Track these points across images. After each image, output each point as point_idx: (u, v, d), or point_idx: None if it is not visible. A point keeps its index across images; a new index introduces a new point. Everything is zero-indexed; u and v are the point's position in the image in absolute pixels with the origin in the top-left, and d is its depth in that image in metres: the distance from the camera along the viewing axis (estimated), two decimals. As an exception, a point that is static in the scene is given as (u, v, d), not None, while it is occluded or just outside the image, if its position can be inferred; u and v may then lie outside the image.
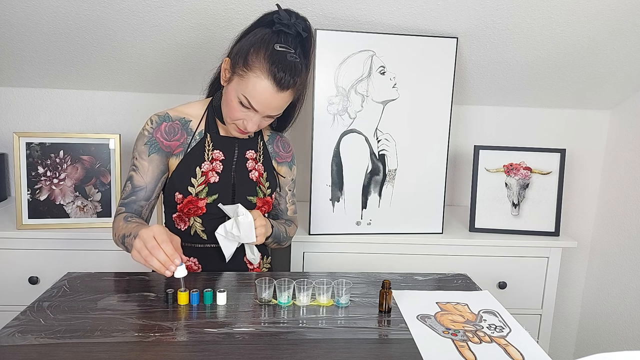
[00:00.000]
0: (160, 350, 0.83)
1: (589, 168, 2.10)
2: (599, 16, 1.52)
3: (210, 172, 1.14)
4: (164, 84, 1.89)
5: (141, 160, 1.13)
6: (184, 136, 1.15)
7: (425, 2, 1.49)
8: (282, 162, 1.29)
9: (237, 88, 1.05)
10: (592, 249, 2.12)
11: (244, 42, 1.07)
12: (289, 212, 1.34)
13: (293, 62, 1.03)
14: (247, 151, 1.21)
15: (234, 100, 1.06)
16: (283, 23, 1.05)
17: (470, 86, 1.88)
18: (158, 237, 0.92)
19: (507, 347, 0.88)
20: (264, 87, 1.02)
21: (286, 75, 1.02)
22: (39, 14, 1.50)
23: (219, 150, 1.17)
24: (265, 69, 1.01)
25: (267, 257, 1.32)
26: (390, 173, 1.67)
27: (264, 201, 1.21)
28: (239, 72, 1.04)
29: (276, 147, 1.28)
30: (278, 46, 1.03)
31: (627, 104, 1.97)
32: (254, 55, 1.03)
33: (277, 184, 1.28)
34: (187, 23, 1.55)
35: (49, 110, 1.94)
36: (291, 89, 1.05)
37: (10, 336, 0.85)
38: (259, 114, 1.07)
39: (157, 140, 1.13)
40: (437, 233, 1.72)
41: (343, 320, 0.97)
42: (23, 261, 1.57)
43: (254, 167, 1.21)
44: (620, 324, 1.91)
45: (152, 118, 1.15)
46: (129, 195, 1.12)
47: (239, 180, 1.18)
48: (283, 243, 1.29)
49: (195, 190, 1.13)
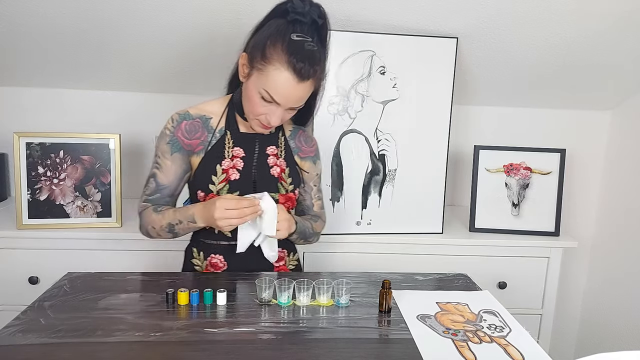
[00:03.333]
0: (161, 350, 0.83)
1: (589, 168, 2.10)
2: (599, 16, 1.52)
3: (230, 170, 1.14)
4: (164, 83, 1.89)
5: (164, 159, 1.14)
6: (205, 134, 1.15)
7: (425, 2, 1.49)
8: (305, 157, 1.25)
9: (257, 82, 1.03)
10: (593, 249, 2.12)
11: (260, 35, 1.05)
12: (315, 207, 1.30)
13: (311, 50, 1.01)
14: (268, 147, 1.19)
15: (255, 96, 1.05)
16: (297, 12, 1.02)
17: (470, 86, 1.88)
18: (230, 201, 1.02)
19: (507, 347, 0.88)
20: (284, 79, 1.01)
21: (306, 64, 1.00)
22: (39, 14, 1.50)
23: (239, 147, 1.16)
24: (284, 60, 0.99)
25: (293, 254, 1.29)
26: (390, 173, 1.67)
27: (287, 197, 1.19)
28: (258, 66, 1.02)
29: (298, 142, 1.25)
30: (295, 36, 1.01)
31: (627, 105, 1.97)
32: (271, 47, 1.01)
33: (301, 179, 1.25)
34: (188, 23, 1.55)
35: (49, 110, 1.94)
36: (312, 79, 1.03)
37: (11, 336, 0.85)
38: (281, 107, 1.05)
39: (179, 139, 1.13)
40: (437, 233, 1.72)
41: (343, 320, 0.97)
42: (23, 261, 1.57)
43: (276, 163, 1.18)
44: (621, 324, 1.91)
45: (173, 117, 1.15)
46: (154, 193, 1.16)
47: (259, 177, 1.16)
48: (310, 239, 1.27)
49: (216, 188, 1.13)
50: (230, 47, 1.67)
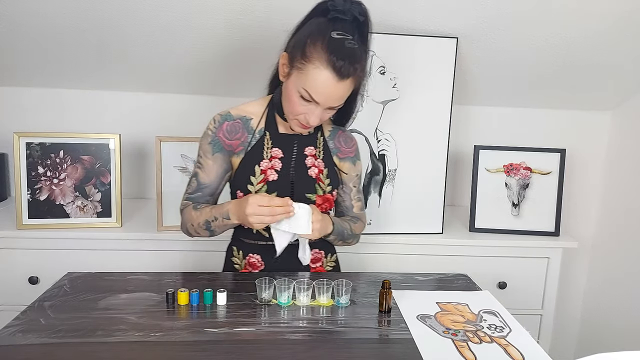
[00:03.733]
0: (161, 350, 0.83)
1: (589, 168, 2.10)
2: (599, 16, 1.52)
3: (268, 170, 1.14)
4: (164, 83, 1.89)
5: (206, 158, 1.16)
6: (245, 135, 1.15)
7: (425, 2, 1.49)
8: (344, 158, 1.23)
9: (297, 82, 1.03)
10: (593, 249, 2.12)
11: (300, 34, 1.04)
12: (355, 208, 1.28)
13: (352, 48, 0.99)
14: (306, 148, 1.18)
15: (295, 95, 1.04)
16: (338, 9, 1.01)
17: (470, 86, 1.88)
18: (263, 198, 1.02)
19: (507, 347, 0.88)
20: (324, 78, 0.99)
21: (346, 63, 0.98)
22: (39, 14, 1.50)
23: (277, 147, 1.15)
24: (324, 58, 0.98)
25: (331, 255, 1.28)
26: (390, 173, 1.67)
27: (324, 198, 1.18)
28: (298, 65, 1.02)
29: (337, 143, 1.23)
30: (335, 34, 0.99)
31: (627, 105, 1.97)
32: (311, 46, 0.99)
33: (339, 180, 1.24)
34: (188, 23, 1.55)
35: (49, 110, 1.94)
36: (352, 77, 1.02)
37: (11, 336, 0.85)
38: (320, 106, 1.04)
39: (220, 140, 1.14)
40: (437, 233, 1.72)
41: (343, 320, 0.97)
42: (23, 261, 1.57)
43: (314, 164, 1.18)
44: (621, 324, 1.91)
45: (215, 117, 1.16)
46: (195, 191, 1.18)
47: (297, 178, 1.16)
48: (349, 241, 1.25)
49: (255, 188, 1.13)
50: (230, 47, 1.67)
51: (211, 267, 1.60)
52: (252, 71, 1.80)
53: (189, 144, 1.64)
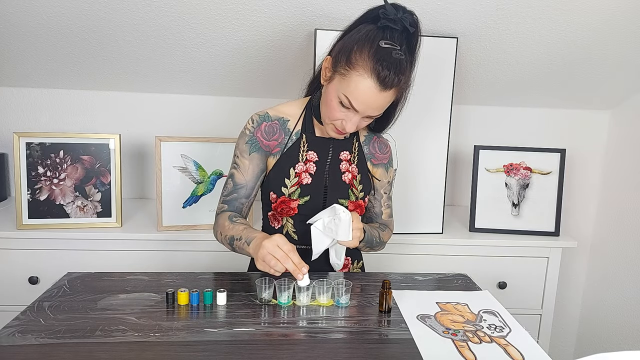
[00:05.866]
0: (161, 351, 0.83)
1: (589, 168, 2.10)
2: (599, 16, 1.52)
3: (303, 174, 1.13)
4: (164, 83, 1.89)
5: (242, 158, 1.15)
6: (282, 136, 1.14)
7: (425, 2, 1.49)
8: (377, 164, 1.23)
9: (339, 87, 1.01)
10: (592, 249, 2.12)
11: (347, 40, 1.02)
12: (384, 215, 1.28)
13: (398, 59, 0.97)
14: (342, 152, 1.17)
15: (334, 100, 1.03)
16: (389, 18, 0.99)
17: (470, 86, 1.88)
18: (284, 247, 0.97)
19: (507, 347, 0.88)
20: (366, 87, 0.98)
21: (391, 73, 0.96)
22: (39, 14, 1.50)
23: (313, 151, 1.15)
24: (369, 67, 0.96)
25: (357, 262, 1.28)
26: (390, 173, 1.66)
27: (357, 204, 1.17)
28: (341, 70, 1.00)
29: (372, 149, 1.22)
30: (383, 43, 0.97)
31: (627, 104, 1.97)
32: (358, 53, 0.98)
33: (372, 186, 1.23)
34: (187, 23, 1.55)
35: (49, 110, 1.94)
36: (395, 88, 1.00)
37: (10, 336, 0.85)
38: (359, 114, 1.03)
39: (258, 140, 1.14)
40: (437, 233, 1.72)
41: (343, 320, 0.97)
42: (23, 261, 1.57)
43: (348, 169, 1.17)
44: (621, 324, 1.91)
45: (253, 117, 1.15)
46: (231, 193, 1.16)
47: (331, 182, 1.15)
48: (376, 248, 1.24)
49: (288, 191, 1.13)
50: (230, 47, 1.67)
51: (211, 267, 1.61)
52: (253, 71, 1.80)
53: (189, 144, 1.64)
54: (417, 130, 1.65)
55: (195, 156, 1.66)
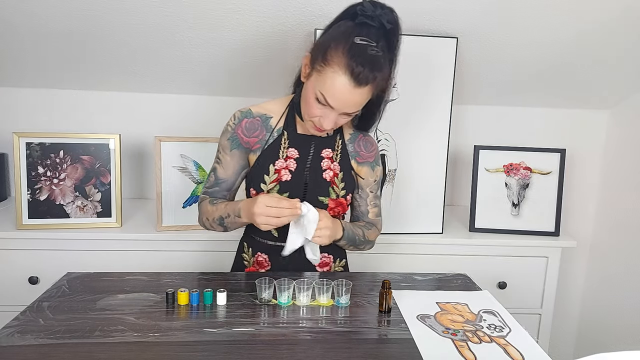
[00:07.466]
0: (160, 351, 0.83)
1: (588, 168, 2.10)
2: (598, 16, 1.52)
3: (283, 170, 1.14)
4: (164, 83, 1.89)
5: (224, 154, 1.17)
6: (263, 133, 1.15)
7: (425, 2, 1.49)
8: (362, 163, 1.22)
9: (315, 84, 1.01)
10: (592, 248, 2.12)
11: (325, 36, 1.03)
12: (371, 214, 1.27)
13: (374, 55, 0.97)
14: (324, 150, 1.17)
15: (311, 97, 1.03)
16: (366, 15, 0.99)
17: (470, 86, 1.88)
18: (272, 199, 1.03)
19: (507, 347, 0.88)
20: (341, 83, 0.98)
21: (365, 70, 0.96)
22: (39, 15, 1.50)
23: (294, 148, 1.15)
24: (343, 63, 0.96)
25: (340, 260, 1.27)
26: (390, 173, 1.67)
27: (337, 202, 1.17)
28: (317, 67, 1.01)
29: (357, 147, 1.21)
30: (358, 39, 0.97)
31: (626, 104, 1.97)
32: (333, 49, 0.98)
33: (356, 185, 1.23)
34: (187, 23, 1.55)
35: (49, 110, 1.94)
36: (370, 85, 0.99)
37: (10, 336, 0.85)
38: (335, 111, 1.03)
39: (238, 136, 1.15)
40: (437, 233, 1.72)
41: (343, 320, 0.97)
42: (23, 261, 1.57)
43: (329, 167, 1.17)
44: (620, 323, 1.91)
45: (235, 114, 1.16)
46: (213, 186, 1.20)
47: (311, 180, 1.15)
48: (361, 247, 1.24)
49: (267, 187, 1.13)
50: (230, 47, 1.67)
51: (211, 267, 1.60)
52: (252, 71, 1.80)
53: (189, 144, 1.64)
54: (417, 130, 1.65)
55: (194, 156, 1.66)
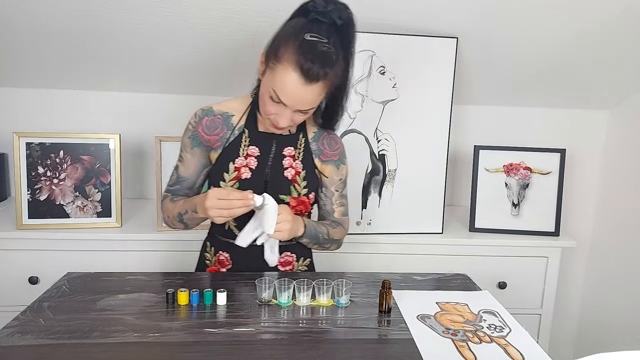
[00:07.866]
0: (160, 351, 0.83)
1: (588, 168, 2.10)
2: (598, 16, 1.52)
3: (242, 168, 1.13)
4: (164, 83, 1.89)
5: (185, 152, 1.17)
6: (224, 131, 1.14)
7: (425, 2, 1.48)
8: (327, 161, 1.20)
9: (269, 81, 1.01)
10: (592, 248, 2.12)
11: (278, 34, 1.03)
12: (336, 214, 1.25)
13: (324, 52, 0.97)
14: (286, 148, 1.16)
15: (266, 95, 1.02)
16: (318, 11, 0.99)
17: (470, 86, 1.88)
18: (222, 191, 1.02)
19: (507, 347, 0.88)
20: (290, 80, 0.97)
21: (315, 66, 0.95)
22: (39, 15, 1.50)
23: (255, 146, 1.14)
24: (293, 60, 0.96)
25: (303, 259, 1.25)
26: (390, 173, 1.67)
27: (299, 201, 1.16)
28: (270, 64, 1.00)
29: (321, 145, 1.20)
30: (308, 36, 0.97)
31: (626, 104, 1.97)
32: (284, 46, 0.98)
33: (319, 183, 1.21)
34: (187, 23, 1.55)
35: (49, 110, 1.94)
36: (322, 81, 0.99)
37: (10, 336, 0.85)
38: (289, 108, 1.02)
39: (199, 135, 1.14)
40: (437, 233, 1.72)
41: (343, 320, 0.97)
42: (23, 261, 1.57)
43: (291, 165, 1.15)
44: (620, 323, 1.91)
45: (196, 112, 1.16)
46: (175, 184, 1.20)
47: (272, 178, 1.14)
48: (326, 246, 1.23)
49: (227, 185, 1.12)
50: (228, 46, 1.67)
51: (211, 267, 1.60)
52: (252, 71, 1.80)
53: (188, 144, 1.64)
54: (417, 130, 1.65)
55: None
